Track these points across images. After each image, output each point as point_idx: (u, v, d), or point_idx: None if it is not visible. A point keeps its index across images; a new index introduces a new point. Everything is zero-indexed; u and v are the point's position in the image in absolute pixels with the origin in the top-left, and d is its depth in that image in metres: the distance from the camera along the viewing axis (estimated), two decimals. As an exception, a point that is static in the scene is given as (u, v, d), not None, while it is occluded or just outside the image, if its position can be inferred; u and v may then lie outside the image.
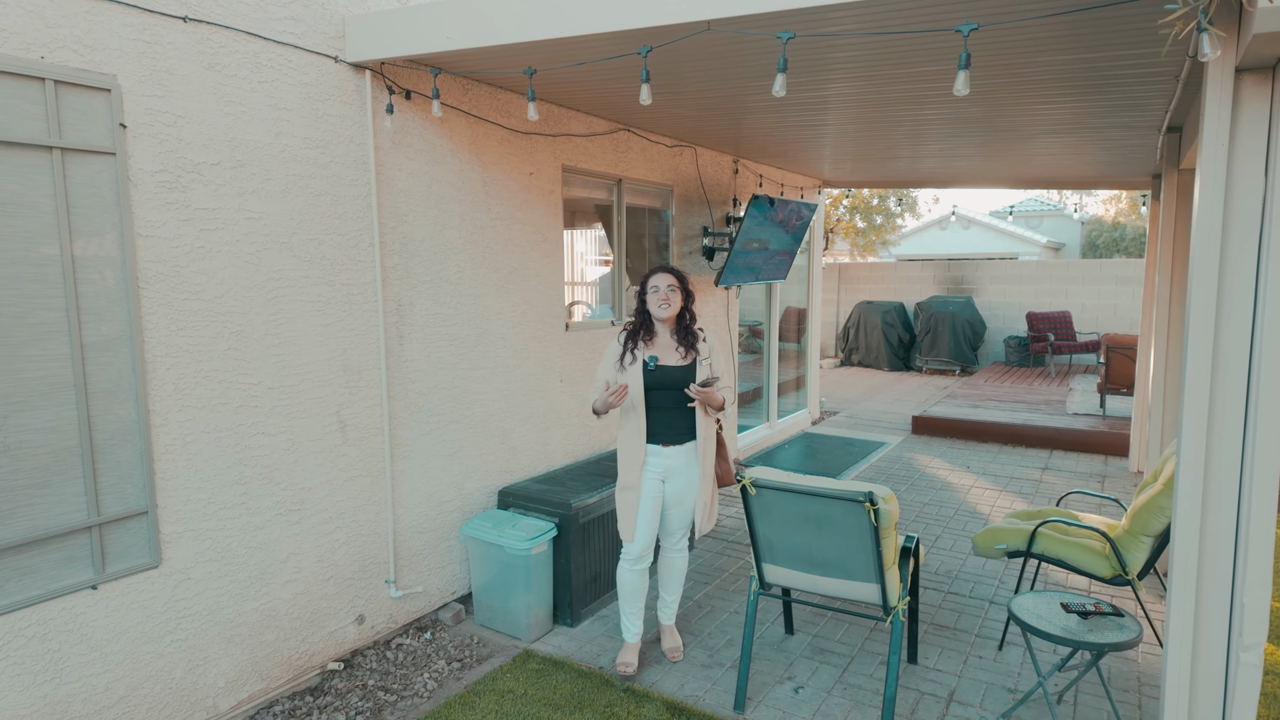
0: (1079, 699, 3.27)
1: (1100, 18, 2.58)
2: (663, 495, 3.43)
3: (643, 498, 3.39)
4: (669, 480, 3.42)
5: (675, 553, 3.58)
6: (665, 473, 3.40)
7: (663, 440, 3.37)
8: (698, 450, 3.41)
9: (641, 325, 3.42)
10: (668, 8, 2.59)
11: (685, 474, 3.41)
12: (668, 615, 3.67)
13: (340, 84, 3.37)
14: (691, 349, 3.40)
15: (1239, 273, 2.19)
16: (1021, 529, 3.68)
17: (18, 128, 2.41)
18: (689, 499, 3.44)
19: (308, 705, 3.24)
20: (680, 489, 3.43)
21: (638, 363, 3.35)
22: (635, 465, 3.38)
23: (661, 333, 3.43)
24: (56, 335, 2.53)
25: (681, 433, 3.39)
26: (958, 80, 2.20)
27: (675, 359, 3.38)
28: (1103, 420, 8.04)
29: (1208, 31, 1.86)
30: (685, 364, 3.38)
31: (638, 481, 3.38)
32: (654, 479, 3.39)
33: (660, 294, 3.36)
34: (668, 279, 3.39)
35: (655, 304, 3.37)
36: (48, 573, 2.56)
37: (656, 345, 3.41)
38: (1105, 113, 4.33)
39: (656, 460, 3.38)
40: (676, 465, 3.39)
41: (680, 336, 3.41)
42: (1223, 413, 2.24)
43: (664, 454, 3.38)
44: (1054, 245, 21.37)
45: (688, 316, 3.45)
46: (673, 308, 3.37)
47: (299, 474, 3.30)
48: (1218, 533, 2.27)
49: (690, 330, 3.43)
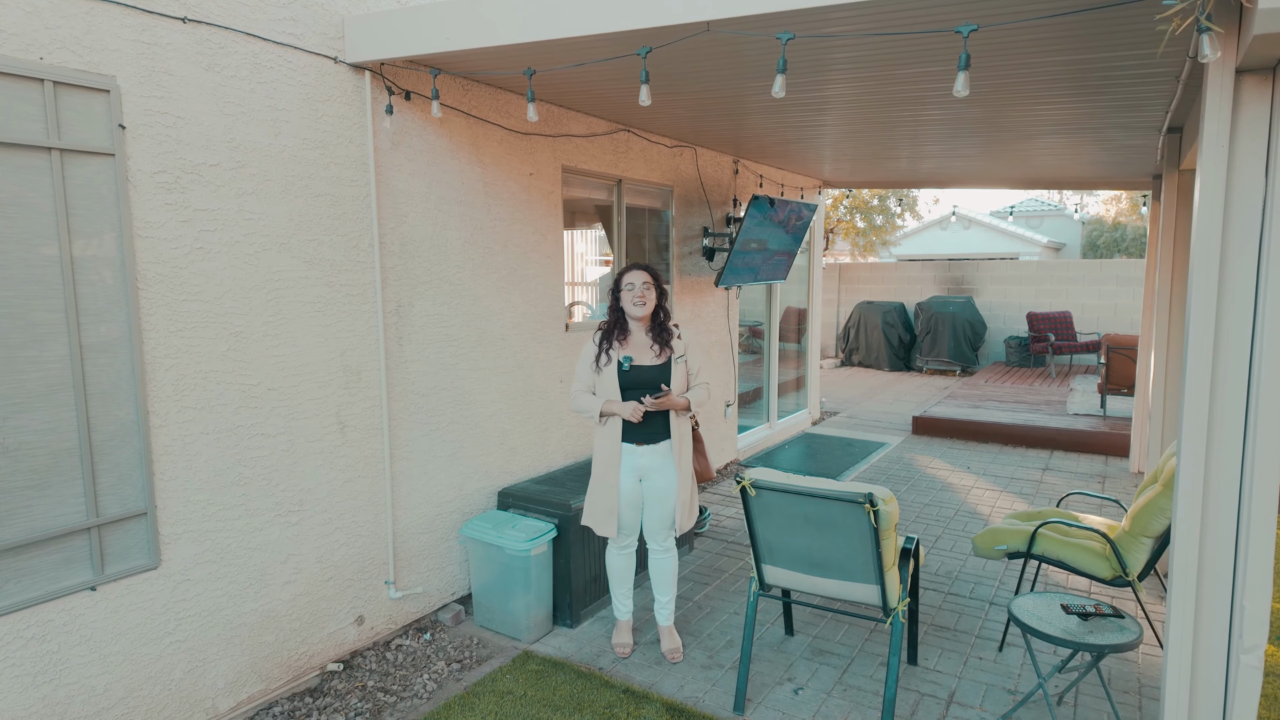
0: (1079, 700, 3.26)
1: (1100, 18, 2.58)
2: (640, 494, 3.46)
3: (621, 494, 3.42)
4: (646, 479, 3.44)
5: (663, 555, 3.58)
6: (641, 471, 3.42)
7: (637, 440, 3.39)
8: (673, 449, 3.42)
9: (615, 324, 3.42)
10: (667, 9, 2.58)
11: (662, 473, 3.43)
12: (665, 617, 3.67)
13: (340, 85, 3.36)
14: (666, 347, 3.40)
15: (1239, 274, 2.19)
16: (1021, 530, 3.67)
17: (17, 129, 2.41)
18: (668, 498, 3.45)
19: (307, 706, 3.24)
20: (658, 488, 3.44)
21: (613, 364, 3.37)
22: (612, 464, 3.40)
23: (636, 331, 3.43)
24: (55, 336, 2.53)
25: (656, 432, 3.40)
26: (958, 81, 2.19)
27: (650, 358, 3.39)
28: (1103, 421, 8.03)
29: (1208, 31, 1.86)
30: (660, 363, 3.38)
31: (616, 480, 3.41)
32: (630, 476, 3.43)
33: (635, 291, 3.36)
34: (642, 276, 3.38)
35: (630, 302, 3.36)
36: (47, 574, 2.56)
37: (631, 344, 3.41)
38: (1105, 113, 4.32)
39: (630, 459, 3.41)
40: (652, 464, 3.41)
41: (655, 335, 3.41)
42: (1223, 414, 2.23)
43: (638, 453, 3.40)
44: (1055, 245, 21.36)
45: (662, 314, 3.44)
46: (648, 306, 3.37)
47: (298, 475, 3.30)
48: (1218, 535, 2.27)
49: (665, 328, 3.43)
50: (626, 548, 3.59)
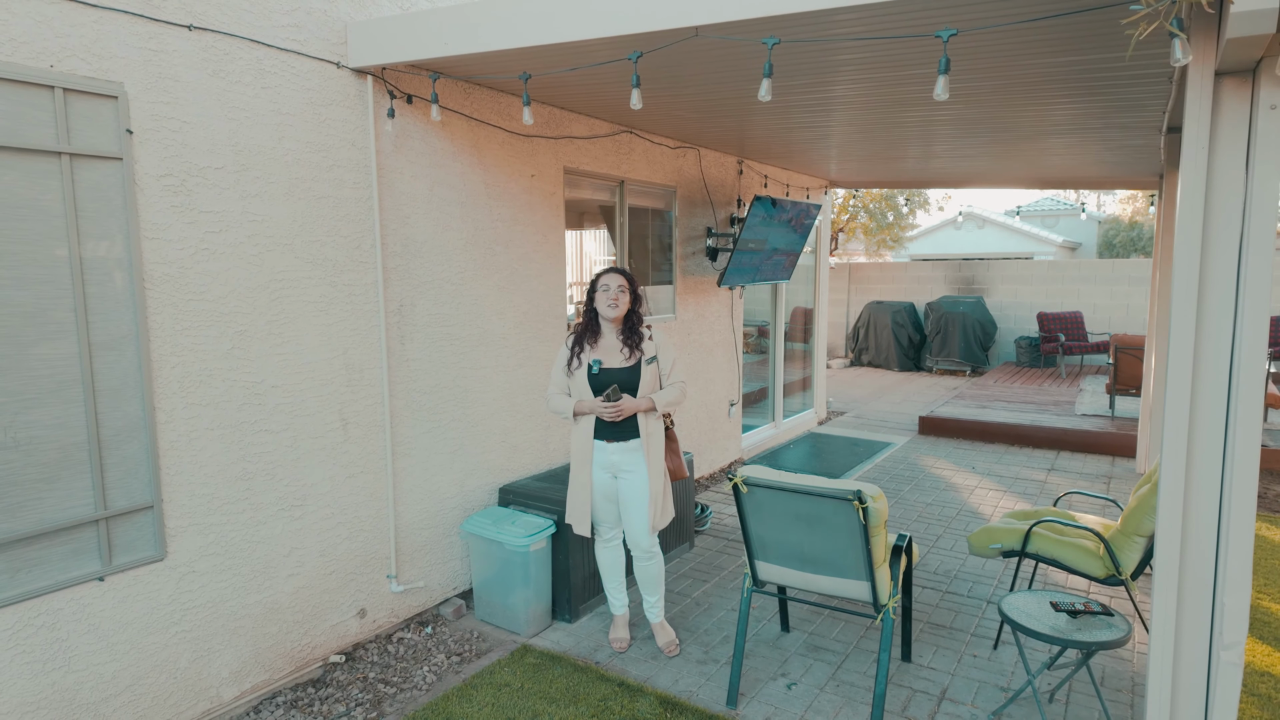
0: (1071, 698, 3.28)
1: (1091, 20, 2.60)
2: (615, 489, 3.55)
3: (594, 490, 3.55)
4: (620, 476, 3.52)
5: (646, 561, 3.63)
6: (613, 467, 3.51)
7: (607, 437, 3.50)
8: (643, 446, 3.49)
9: (587, 327, 3.52)
10: (655, 14, 2.63)
11: (635, 471, 3.50)
12: (655, 614, 3.72)
13: (342, 89, 3.44)
14: (636, 349, 3.48)
15: (1220, 275, 2.21)
16: (1016, 529, 3.69)
17: (28, 134, 2.50)
18: (642, 499, 3.51)
19: (309, 696, 3.32)
20: (633, 487, 3.51)
21: (583, 367, 3.47)
22: (584, 461, 3.52)
23: (608, 333, 3.52)
24: (65, 334, 2.62)
25: (625, 430, 3.49)
26: (937, 85, 2.23)
27: (619, 360, 3.47)
28: (1111, 421, 7.99)
29: (1178, 36, 1.88)
30: (629, 365, 3.47)
31: (588, 478, 3.53)
32: (602, 472, 3.53)
33: (610, 294, 3.44)
34: (618, 279, 3.46)
35: (604, 303, 3.45)
36: (56, 564, 2.65)
37: (601, 347, 3.51)
38: (1106, 114, 4.32)
39: (602, 456, 3.52)
40: (623, 462, 3.50)
41: (625, 337, 3.49)
42: (1203, 414, 2.25)
43: (608, 449, 3.50)
44: (1070, 245, 21.20)
45: (634, 318, 3.52)
46: (620, 309, 3.45)
47: (301, 470, 3.38)
48: (1199, 533, 2.29)
49: (635, 330, 3.51)
50: (610, 540, 3.68)
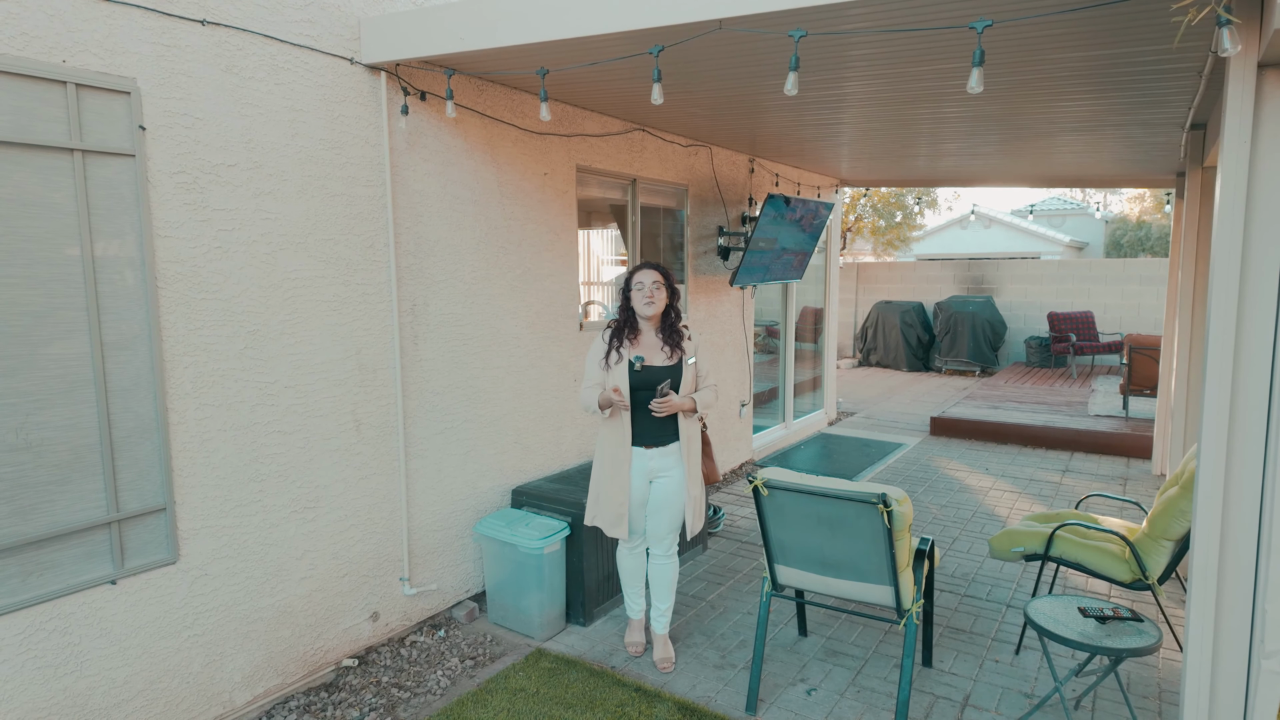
0: (1097, 705, 3.22)
1: (1119, 13, 2.54)
2: (648, 495, 3.43)
3: (631, 497, 3.39)
4: (655, 481, 3.41)
5: (665, 561, 3.55)
6: (651, 473, 3.40)
7: (646, 443, 3.36)
8: (682, 451, 3.40)
9: (626, 323, 3.39)
10: (678, 7, 2.58)
11: (671, 475, 3.40)
12: (661, 625, 3.62)
13: (356, 85, 3.39)
14: (677, 348, 3.36)
15: (1261, 273, 2.15)
16: (1039, 532, 3.63)
17: (40, 130, 2.45)
18: (675, 503, 3.43)
19: (322, 701, 3.27)
20: (667, 492, 3.41)
21: (623, 362, 3.32)
22: (623, 465, 3.35)
23: (646, 331, 3.40)
24: (77, 334, 2.57)
25: (666, 434, 3.37)
26: (971, 78, 2.17)
27: (661, 359, 3.35)
28: (1125, 422, 7.91)
29: (1228, 25, 1.82)
30: (671, 364, 3.35)
31: (627, 482, 3.36)
32: (640, 478, 3.39)
33: (645, 291, 3.33)
34: (652, 275, 3.35)
35: (640, 301, 3.34)
36: (68, 567, 2.61)
37: (641, 344, 3.38)
38: (1126, 109, 4.26)
39: (641, 462, 3.38)
40: (661, 466, 3.39)
41: (665, 335, 3.38)
42: (1244, 415, 2.19)
43: (647, 455, 3.37)
44: (1077, 244, 21.08)
45: (672, 314, 3.41)
46: (657, 305, 3.34)
47: (314, 472, 3.34)
48: (1239, 537, 2.23)
49: (675, 329, 3.40)
50: (637, 548, 3.58)
